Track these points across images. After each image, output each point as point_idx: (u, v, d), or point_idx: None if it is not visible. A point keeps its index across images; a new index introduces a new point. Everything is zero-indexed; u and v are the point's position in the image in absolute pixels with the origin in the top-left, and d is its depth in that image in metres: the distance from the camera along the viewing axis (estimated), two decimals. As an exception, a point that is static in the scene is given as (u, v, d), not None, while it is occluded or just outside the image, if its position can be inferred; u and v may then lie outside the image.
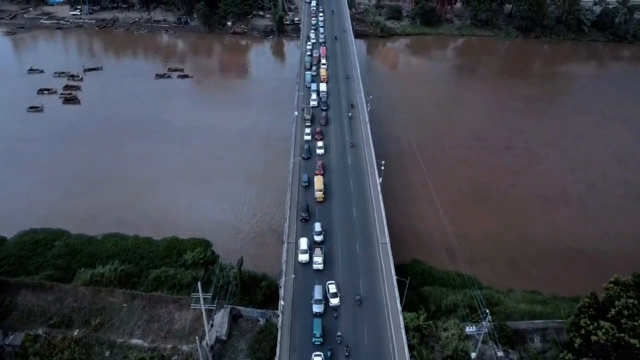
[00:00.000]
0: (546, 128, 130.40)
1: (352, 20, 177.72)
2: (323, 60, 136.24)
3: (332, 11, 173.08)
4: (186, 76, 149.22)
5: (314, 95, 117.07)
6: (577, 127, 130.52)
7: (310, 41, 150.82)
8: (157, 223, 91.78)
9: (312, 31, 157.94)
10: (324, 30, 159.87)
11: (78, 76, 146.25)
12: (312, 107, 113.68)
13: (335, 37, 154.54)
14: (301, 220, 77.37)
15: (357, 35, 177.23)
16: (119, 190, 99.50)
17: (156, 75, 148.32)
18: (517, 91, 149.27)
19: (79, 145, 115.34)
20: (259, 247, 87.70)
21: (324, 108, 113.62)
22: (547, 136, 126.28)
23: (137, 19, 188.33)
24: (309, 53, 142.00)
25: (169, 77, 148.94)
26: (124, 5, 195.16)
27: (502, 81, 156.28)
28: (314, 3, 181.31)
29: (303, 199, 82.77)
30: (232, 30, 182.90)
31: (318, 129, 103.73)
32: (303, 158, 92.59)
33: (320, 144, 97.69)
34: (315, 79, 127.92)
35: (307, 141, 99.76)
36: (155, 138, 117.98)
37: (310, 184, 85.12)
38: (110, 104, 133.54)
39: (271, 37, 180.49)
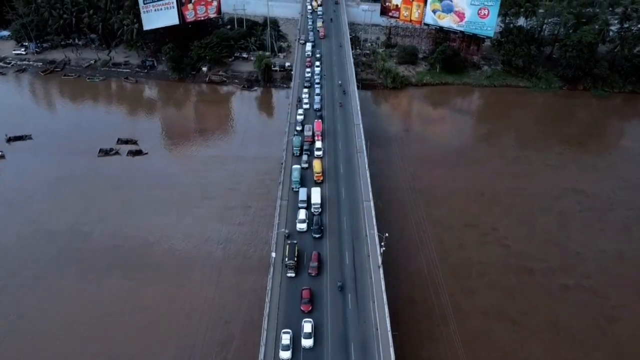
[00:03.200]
0: (611, 248, 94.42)
1: (356, 65, 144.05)
2: (318, 144, 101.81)
3: (342, 82, 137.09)
4: (139, 152, 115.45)
5: (301, 214, 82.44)
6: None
7: (302, 106, 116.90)
8: None
9: (305, 90, 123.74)
10: (321, 89, 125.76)
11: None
12: (300, 230, 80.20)
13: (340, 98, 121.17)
14: None
15: (363, 85, 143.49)
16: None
17: (100, 150, 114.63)
18: (564, 177, 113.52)
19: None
20: None
21: (317, 235, 79.53)
22: (616, 266, 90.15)
23: (93, 61, 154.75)
24: (299, 127, 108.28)
25: (116, 153, 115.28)
26: (80, 43, 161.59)
27: (543, 161, 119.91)
28: (309, 46, 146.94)
29: None
30: (207, 78, 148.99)
31: (306, 291, 68.85)
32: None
33: (308, 328, 63.19)
34: (307, 174, 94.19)
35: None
36: (63, 269, 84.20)
37: None
38: (24, 202, 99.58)
39: (255, 88, 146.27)
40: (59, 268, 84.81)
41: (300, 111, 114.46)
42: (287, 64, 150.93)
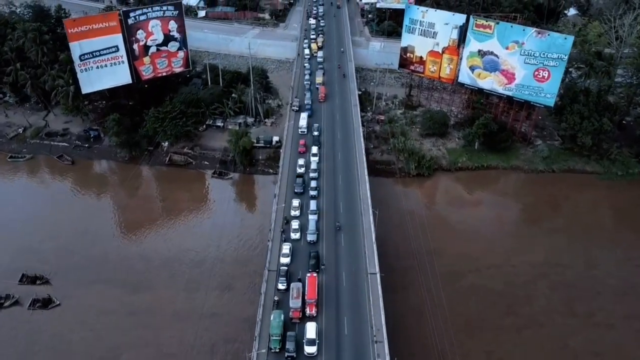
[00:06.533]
0: None
1: (367, 138, 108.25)
2: (310, 330, 63.85)
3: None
4: (48, 302, 78.76)
5: None
6: None
7: (290, 236, 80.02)
8: None
9: (296, 204, 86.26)
10: (318, 194, 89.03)
11: None
12: None
13: (339, 227, 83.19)
14: None
15: (377, 171, 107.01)
16: None
17: (-8, 302, 78.85)
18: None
19: None
20: None
21: None
22: None
23: (22, 129, 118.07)
24: (282, 285, 71.35)
25: (15, 303, 78.83)
26: (12, 100, 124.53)
27: (629, 320, 79.16)
28: (303, 119, 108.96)
29: None
30: (167, 158, 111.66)
31: None
32: None
33: None
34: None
35: None
36: None
37: None
38: None
39: (230, 175, 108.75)
40: None
41: (286, 249, 76.87)
42: (275, 138, 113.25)
